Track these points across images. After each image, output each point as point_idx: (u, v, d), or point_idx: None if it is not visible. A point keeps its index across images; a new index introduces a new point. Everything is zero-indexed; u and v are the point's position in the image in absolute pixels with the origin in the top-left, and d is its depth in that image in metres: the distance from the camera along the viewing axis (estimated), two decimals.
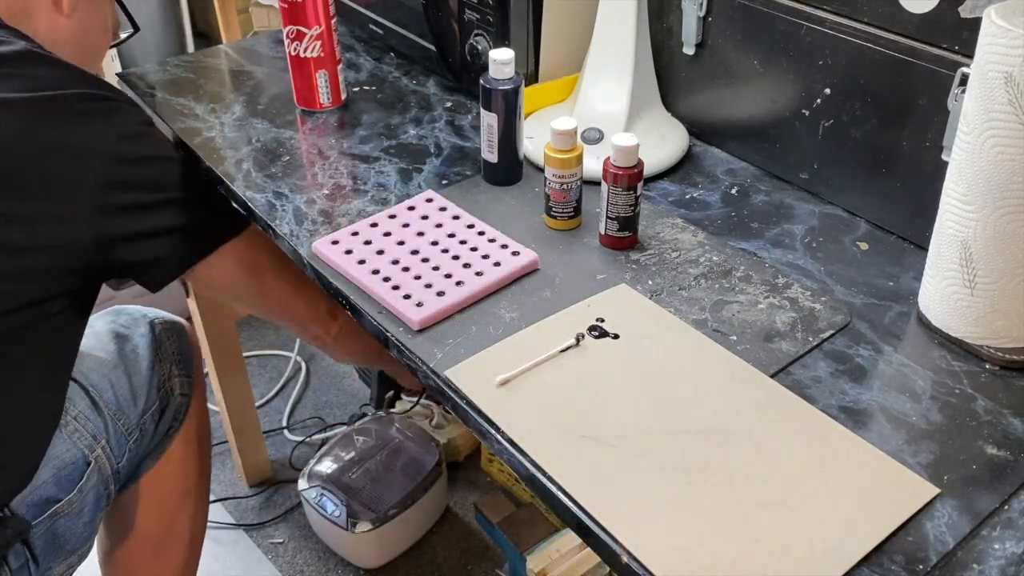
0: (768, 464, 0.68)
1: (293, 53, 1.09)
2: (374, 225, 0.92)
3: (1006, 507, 0.65)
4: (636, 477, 0.67)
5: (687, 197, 0.98)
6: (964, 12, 0.78)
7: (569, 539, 1.36)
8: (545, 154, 0.89)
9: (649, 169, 0.94)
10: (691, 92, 1.08)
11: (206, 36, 2.62)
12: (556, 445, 0.69)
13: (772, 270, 0.87)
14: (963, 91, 0.76)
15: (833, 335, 0.79)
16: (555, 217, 0.92)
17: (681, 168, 1.03)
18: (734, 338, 0.79)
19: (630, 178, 0.86)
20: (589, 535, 0.64)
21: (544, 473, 0.67)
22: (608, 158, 0.87)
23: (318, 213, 0.94)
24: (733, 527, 0.63)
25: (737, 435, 0.70)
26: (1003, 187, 0.71)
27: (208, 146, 1.06)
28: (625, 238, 0.89)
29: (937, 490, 0.65)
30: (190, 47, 2.42)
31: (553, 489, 0.66)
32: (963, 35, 0.79)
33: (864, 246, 0.91)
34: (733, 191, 1.00)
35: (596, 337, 0.79)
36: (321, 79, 1.11)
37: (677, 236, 0.92)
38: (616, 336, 0.79)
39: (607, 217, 0.88)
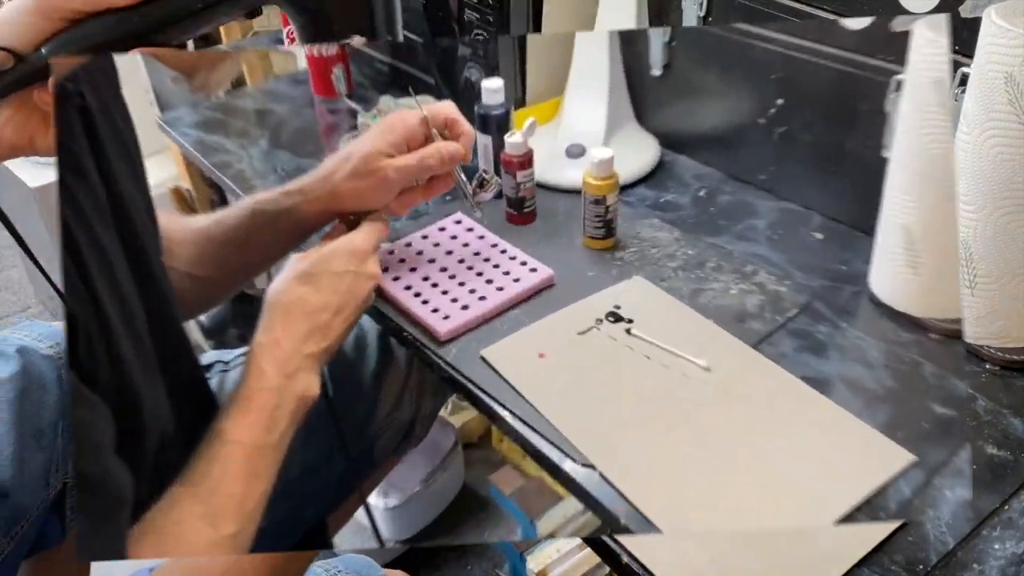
0: (768, 427, 0.70)
1: (308, 52, 1.19)
2: (408, 245, 0.97)
3: (1006, 507, 0.64)
4: (639, 468, 0.69)
5: (661, 200, 1.06)
6: (964, 12, 0.77)
7: (569, 539, 1.38)
8: (584, 181, 0.94)
9: (627, 177, 1.03)
10: (660, 108, 1.15)
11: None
12: (559, 407, 0.74)
13: (740, 260, 0.94)
14: (899, 94, 0.77)
15: (797, 314, 0.86)
16: (593, 238, 0.97)
17: (655, 175, 1.10)
18: (712, 321, 0.86)
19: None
20: (587, 499, 0.68)
21: (547, 441, 0.73)
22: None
23: None
24: (735, 521, 0.64)
25: (738, 426, 0.72)
26: (1003, 187, 0.69)
27: (240, 176, 1.16)
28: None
29: (914, 457, 0.65)
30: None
31: (556, 460, 0.71)
32: (963, 35, 0.77)
33: (819, 236, 0.97)
34: (701, 193, 1.07)
35: (612, 322, 0.85)
36: (337, 71, 1.22)
37: (655, 235, 0.99)
38: (631, 321, 0.85)
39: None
